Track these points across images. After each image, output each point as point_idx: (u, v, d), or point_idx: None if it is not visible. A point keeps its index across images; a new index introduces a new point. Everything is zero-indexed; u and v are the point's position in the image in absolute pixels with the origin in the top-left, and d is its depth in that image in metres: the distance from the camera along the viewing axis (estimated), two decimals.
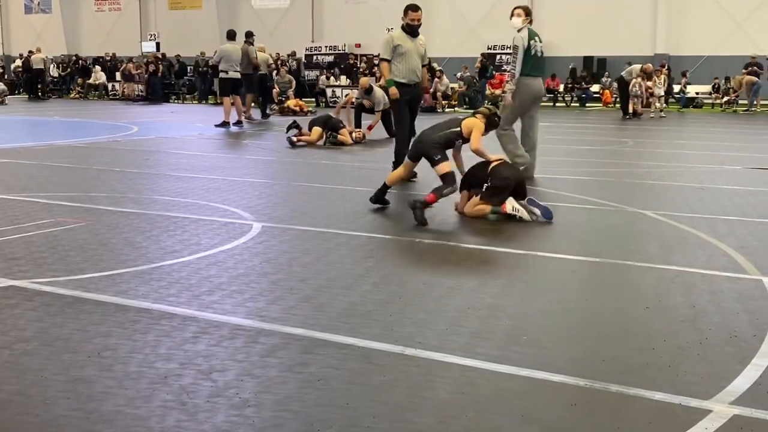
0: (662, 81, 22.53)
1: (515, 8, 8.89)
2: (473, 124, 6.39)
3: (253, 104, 18.21)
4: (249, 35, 17.67)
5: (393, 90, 8.31)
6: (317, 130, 12.37)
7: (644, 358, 3.20)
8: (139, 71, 28.33)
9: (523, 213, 6.09)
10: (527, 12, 8.89)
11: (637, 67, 20.90)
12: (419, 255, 5.09)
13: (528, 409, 2.72)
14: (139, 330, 3.46)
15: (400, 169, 6.90)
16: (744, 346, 3.34)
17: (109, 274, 4.42)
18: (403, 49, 8.28)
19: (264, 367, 3.04)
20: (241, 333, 3.45)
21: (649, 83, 21.57)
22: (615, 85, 23.92)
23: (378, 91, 13.62)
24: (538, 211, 6.10)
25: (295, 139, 12.32)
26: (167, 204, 6.78)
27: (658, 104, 21.64)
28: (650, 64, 22.20)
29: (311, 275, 4.44)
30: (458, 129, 6.38)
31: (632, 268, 4.73)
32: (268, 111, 18.92)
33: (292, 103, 21.25)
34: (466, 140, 6.39)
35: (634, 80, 20.64)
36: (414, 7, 8.49)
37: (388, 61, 8.39)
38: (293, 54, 29.16)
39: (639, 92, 20.86)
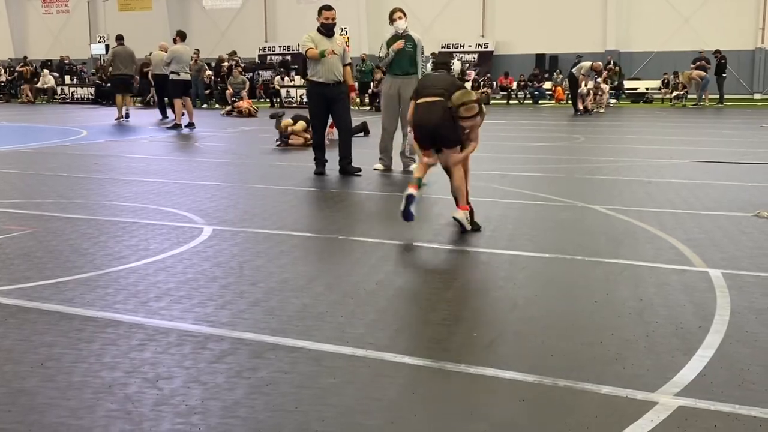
0: (607, 78, 23.03)
1: (396, 11, 9.26)
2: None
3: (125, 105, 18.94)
4: (119, 38, 18.98)
5: (328, 51, 8.70)
6: (302, 123, 12.39)
7: (592, 352, 3.23)
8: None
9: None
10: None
11: (587, 64, 21.21)
12: (373, 255, 5.08)
13: (477, 406, 2.73)
14: (84, 339, 3.39)
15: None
16: (690, 337, 3.40)
17: (55, 281, 4.32)
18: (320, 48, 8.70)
19: (212, 374, 3.00)
20: (189, 339, 3.39)
21: (599, 79, 21.93)
22: (566, 82, 24.25)
23: None
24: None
25: (285, 140, 12.40)
26: (116, 209, 6.67)
27: (605, 100, 22.02)
28: (600, 62, 22.54)
29: (262, 278, 4.39)
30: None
31: (581, 262, 4.78)
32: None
33: (244, 104, 21.16)
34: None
35: (581, 78, 20.96)
36: (327, 7, 8.94)
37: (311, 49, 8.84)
38: (233, 54, 28.89)
39: (587, 90, 21.19)
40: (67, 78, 31.31)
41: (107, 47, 32.00)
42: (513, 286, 4.29)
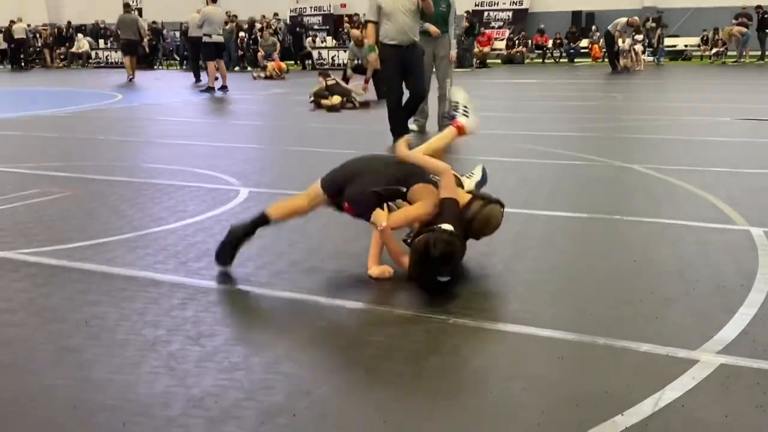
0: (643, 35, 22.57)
1: None
2: (425, 194, 3.69)
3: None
4: (125, 6, 20.73)
5: (371, 57, 8.16)
6: (337, 98, 12.35)
7: (632, 311, 3.21)
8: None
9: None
10: None
11: (623, 20, 20.74)
12: None
13: (514, 363, 2.73)
14: (127, 298, 3.45)
15: (297, 200, 4.11)
16: (731, 296, 3.36)
17: (96, 242, 4.39)
18: (388, 8, 7.87)
19: (253, 331, 3.04)
20: (230, 298, 3.44)
21: (638, 37, 21.48)
22: (603, 40, 23.78)
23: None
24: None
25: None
26: (153, 171, 6.73)
27: (641, 58, 21.58)
28: (636, 18, 22.04)
29: (300, 239, 4.42)
30: (404, 190, 3.71)
31: (620, 222, 4.73)
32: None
33: (270, 66, 21.16)
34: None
35: (617, 35, 20.53)
36: None
37: (374, 22, 8.06)
38: (276, 16, 28.84)
39: (626, 47, 20.77)
40: (101, 42, 31.51)
41: (140, 11, 32.11)
42: (550, 246, 4.27)
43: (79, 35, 30.91)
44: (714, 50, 25.05)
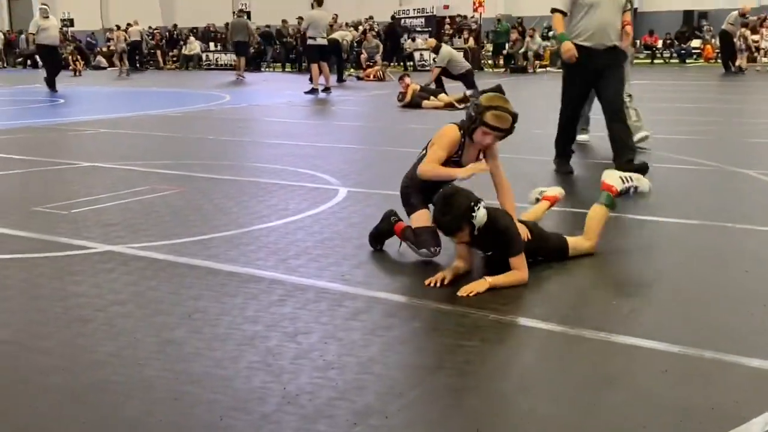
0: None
1: None
2: (439, 131, 4.09)
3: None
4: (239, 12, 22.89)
5: (565, 46, 6.08)
6: (444, 96, 12.50)
7: (742, 323, 3.05)
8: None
9: (640, 180, 4.23)
10: None
11: (735, 13, 19.72)
12: None
13: (616, 375, 2.64)
14: (228, 293, 3.54)
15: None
16: None
17: (201, 238, 4.53)
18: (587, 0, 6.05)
19: (347, 330, 3.06)
20: (326, 296, 3.47)
21: (756, 36, 20.47)
22: (715, 41, 22.77)
23: (444, 48, 13.75)
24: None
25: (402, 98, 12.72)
26: (257, 170, 6.90)
27: (765, 58, 20.52)
28: (748, 6, 20.89)
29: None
30: (423, 152, 4.14)
31: (731, 230, 4.52)
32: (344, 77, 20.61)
33: (372, 71, 21.28)
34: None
35: (737, 31, 19.57)
36: None
37: (562, 13, 6.21)
38: (370, 18, 28.96)
39: (742, 45, 19.82)
40: (211, 45, 32.55)
41: (249, 14, 32.97)
42: (657, 253, 4.11)
43: (191, 38, 32.04)
44: None
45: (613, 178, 4.14)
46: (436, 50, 13.91)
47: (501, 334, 3.01)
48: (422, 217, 4.05)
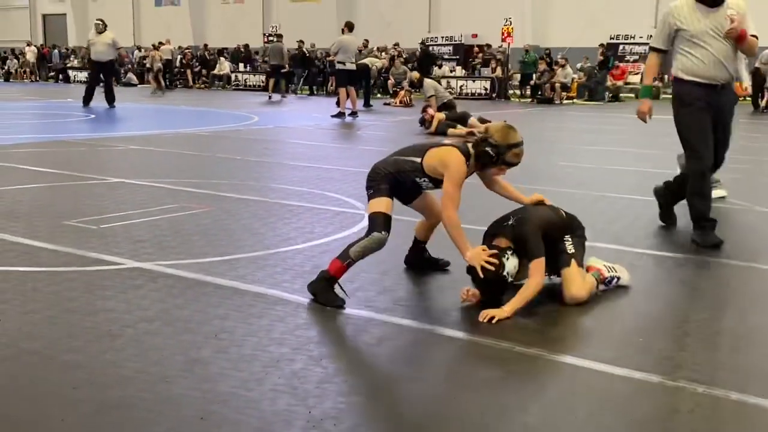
0: None
1: None
2: (444, 156, 3.96)
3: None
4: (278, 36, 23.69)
5: (643, 106, 5.40)
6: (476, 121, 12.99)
7: None
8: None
9: (621, 272, 4.14)
10: None
11: (767, 52, 19.63)
12: None
13: (642, 411, 2.63)
14: (255, 314, 3.57)
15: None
16: None
17: (229, 258, 4.57)
18: (693, 30, 5.08)
19: (372, 357, 3.08)
20: (351, 322, 3.50)
21: None
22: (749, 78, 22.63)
23: (426, 82, 14.39)
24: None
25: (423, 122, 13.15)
26: (284, 192, 6.96)
27: None
28: None
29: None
30: (418, 160, 4.06)
31: (760, 271, 4.49)
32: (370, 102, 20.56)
33: (399, 97, 21.43)
34: (433, 181, 4.10)
35: (762, 68, 19.45)
36: None
37: (660, 51, 5.38)
38: (396, 46, 29.17)
39: None
40: (240, 66, 32.93)
41: (279, 36, 33.38)
42: (694, 294, 4.09)
43: (221, 58, 32.44)
44: None
45: (599, 264, 4.12)
46: (420, 84, 14.30)
47: (527, 366, 3.01)
48: (383, 204, 4.08)
